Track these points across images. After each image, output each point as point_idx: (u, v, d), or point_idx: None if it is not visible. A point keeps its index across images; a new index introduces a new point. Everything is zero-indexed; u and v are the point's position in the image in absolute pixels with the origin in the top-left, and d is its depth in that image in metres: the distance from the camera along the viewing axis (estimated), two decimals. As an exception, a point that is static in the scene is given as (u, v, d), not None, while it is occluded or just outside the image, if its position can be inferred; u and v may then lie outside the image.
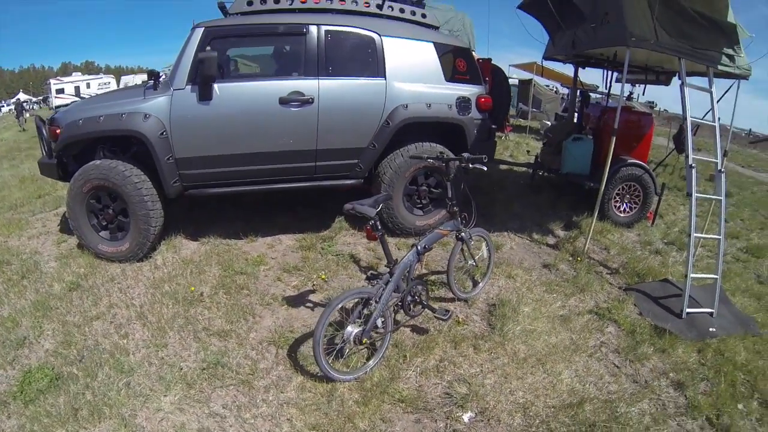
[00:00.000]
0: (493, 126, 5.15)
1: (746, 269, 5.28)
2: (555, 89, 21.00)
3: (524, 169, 7.80)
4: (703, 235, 4.58)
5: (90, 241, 4.30)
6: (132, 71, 76.99)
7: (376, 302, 2.58)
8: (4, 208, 5.98)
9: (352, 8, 4.77)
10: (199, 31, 4.26)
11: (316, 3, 4.67)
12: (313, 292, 3.71)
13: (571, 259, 4.58)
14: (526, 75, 18.39)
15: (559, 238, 5.13)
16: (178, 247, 4.42)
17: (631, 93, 7.24)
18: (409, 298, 2.93)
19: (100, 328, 3.21)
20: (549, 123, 14.11)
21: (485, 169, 3.28)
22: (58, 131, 4.22)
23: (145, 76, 36.65)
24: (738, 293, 4.50)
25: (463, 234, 3.34)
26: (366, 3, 4.80)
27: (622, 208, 5.71)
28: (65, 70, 79.36)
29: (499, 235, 4.96)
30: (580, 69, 6.94)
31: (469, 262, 3.56)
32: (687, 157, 3.98)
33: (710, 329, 3.72)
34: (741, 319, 4.01)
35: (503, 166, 7.93)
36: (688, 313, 3.83)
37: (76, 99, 36.27)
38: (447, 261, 3.49)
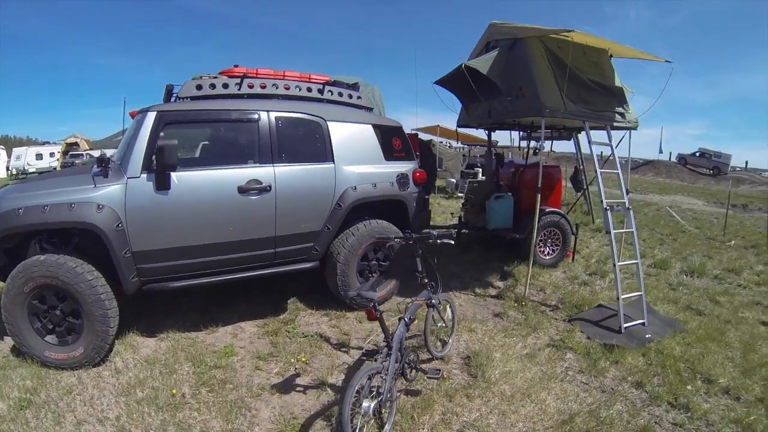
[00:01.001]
0: (426, 196, 5.73)
1: (659, 281, 6.35)
2: (449, 145, 22.96)
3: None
4: (624, 263, 5.36)
5: (34, 348, 3.92)
6: (21, 142, 70.50)
7: (384, 375, 2.88)
8: None
9: (296, 93, 5.10)
10: (152, 116, 4.25)
11: (263, 88, 4.91)
12: (298, 375, 3.82)
13: (516, 305, 5.26)
14: (424, 136, 20.08)
15: (500, 288, 5.85)
16: (135, 346, 4.25)
17: (536, 148, 8.54)
18: (406, 365, 3.34)
19: (75, 451, 2.91)
20: (453, 180, 15.32)
21: (453, 242, 3.84)
22: None
23: (39, 149, 33.84)
24: (658, 302, 5.44)
25: (433, 301, 3.82)
26: (308, 89, 5.17)
27: (546, 252, 6.63)
28: (-54, 141, 70.58)
29: (454, 293, 5.57)
30: (481, 131, 8.05)
31: (439, 324, 4.06)
32: (602, 201, 5.00)
33: (646, 336, 4.51)
34: (667, 322, 4.89)
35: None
36: (625, 328, 4.59)
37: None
38: (422, 327, 3.94)
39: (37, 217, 3.85)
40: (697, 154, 37.62)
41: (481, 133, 8.48)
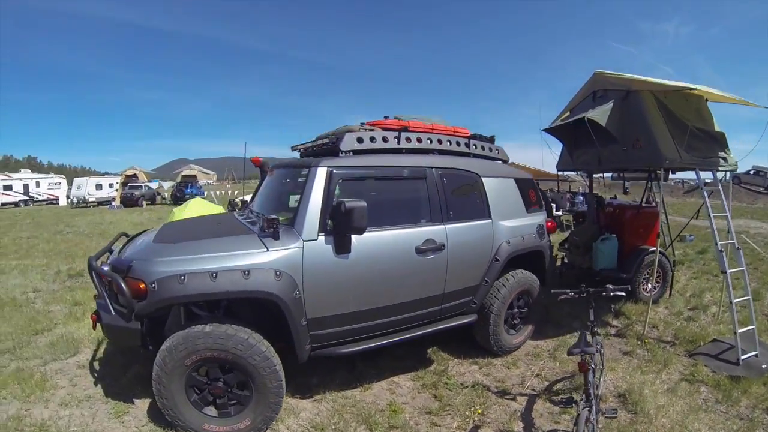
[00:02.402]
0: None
1: (755, 313, 7.17)
2: None
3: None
4: (739, 299, 6.00)
5: (190, 422, 3.72)
6: (75, 172, 75.29)
7: (592, 419, 3.46)
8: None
9: (448, 148, 5.30)
10: (323, 171, 4.17)
11: (419, 143, 5.02)
12: (479, 427, 4.26)
13: (639, 342, 6.18)
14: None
15: (618, 327, 6.79)
16: (294, 410, 4.33)
17: (627, 189, 9.52)
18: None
19: None
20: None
21: (625, 294, 4.41)
22: (142, 286, 3.55)
23: (98, 180, 36.90)
24: (762, 333, 6.31)
25: (599, 347, 4.60)
26: (457, 143, 5.42)
27: (648, 289, 7.57)
28: (7, 164, 77.69)
29: (573, 336, 6.42)
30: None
31: (599, 367, 5.00)
32: (716, 243, 5.72)
33: (762, 366, 5.42)
34: (777, 353, 5.79)
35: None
36: (742, 360, 5.50)
37: (24, 197, 36.52)
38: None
39: (205, 286, 3.57)
40: (751, 173, 38.19)
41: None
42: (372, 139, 4.67)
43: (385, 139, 4.77)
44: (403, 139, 4.91)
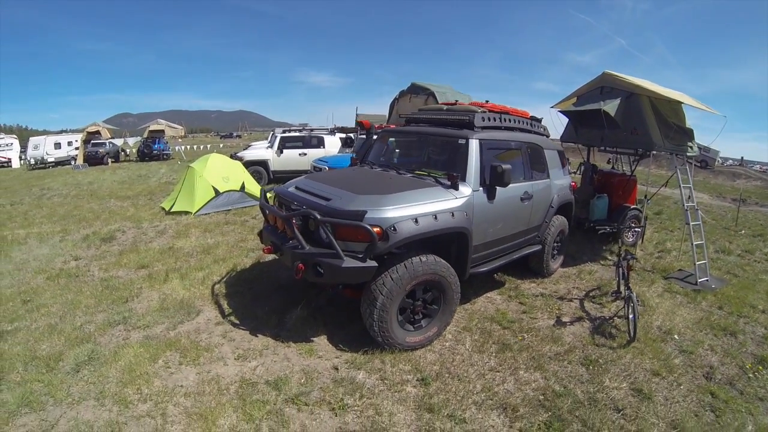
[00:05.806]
0: None
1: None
2: None
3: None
4: (697, 243, 9.12)
5: (397, 338, 4.75)
6: (11, 130, 67.49)
7: (635, 298, 6.32)
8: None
9: (522, 127, 7.31)
10: (476, 143, 5.79)
11: (510, 123, 7.01)
12: (560, 317, 6.62)
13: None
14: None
15: (614, 260, 9.83)
16: None
17: (611, 160, 12.42)
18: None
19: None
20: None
21: (639, 231, 7.59)
22: (378, 230, 4.41)
23: (57, 139, 35.74)
24: (710, 269, 9.67)
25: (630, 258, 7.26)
26: (526, 123, 7.42)
27: (629, 236, 10.76)
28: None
29: (587, 264, 9.41)
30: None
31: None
32: (683, 205, 8.93)
33: (712, 286, 8.61)
34: (720, 279, 9.10)
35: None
36: (699, 282, 8.71)
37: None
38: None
39: (430, 226, 4.69)
40: None
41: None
42: (489, 119, 6.61)
43: (494, 119, 6.72)
44: (502, 120, 6.93)
